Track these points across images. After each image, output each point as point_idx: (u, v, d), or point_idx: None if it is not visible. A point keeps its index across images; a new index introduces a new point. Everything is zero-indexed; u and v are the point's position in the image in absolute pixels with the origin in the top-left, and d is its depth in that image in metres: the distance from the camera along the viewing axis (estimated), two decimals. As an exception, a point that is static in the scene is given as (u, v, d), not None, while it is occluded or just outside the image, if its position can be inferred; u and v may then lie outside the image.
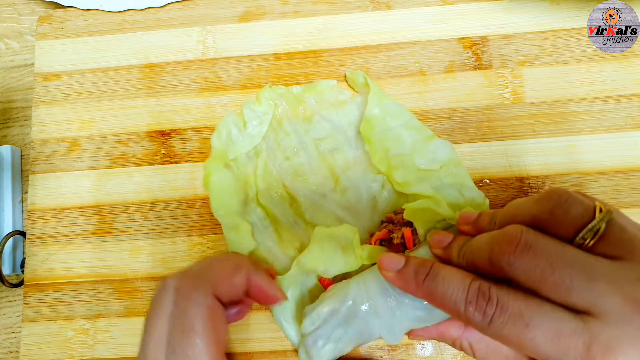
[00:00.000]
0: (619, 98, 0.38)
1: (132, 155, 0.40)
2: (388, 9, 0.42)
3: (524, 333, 0.22)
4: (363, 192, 0.37)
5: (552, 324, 0.22)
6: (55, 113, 0.42)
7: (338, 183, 0.38)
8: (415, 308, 0.29)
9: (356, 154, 0.38)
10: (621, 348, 0.21)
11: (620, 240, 0.23)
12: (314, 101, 0.39)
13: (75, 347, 0.37)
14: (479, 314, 0.24)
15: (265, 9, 0.42)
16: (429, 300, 0.27)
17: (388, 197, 0.37)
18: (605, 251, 0.23)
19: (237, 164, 0.38)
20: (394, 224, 0.35)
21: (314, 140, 0.39)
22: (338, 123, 0.39)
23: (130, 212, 0.39)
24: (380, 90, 0.38)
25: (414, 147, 0.36)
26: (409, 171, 0.36)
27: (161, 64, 0.42)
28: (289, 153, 0.38)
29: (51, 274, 0.38)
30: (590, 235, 0.23)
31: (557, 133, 0.38)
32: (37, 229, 0.39)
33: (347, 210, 0.37)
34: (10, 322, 0.41)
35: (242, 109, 0.39)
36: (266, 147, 0.39)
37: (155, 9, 0.43)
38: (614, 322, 0.21)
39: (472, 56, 0.40)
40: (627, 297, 0.21)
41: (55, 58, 0.43)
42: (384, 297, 0.30)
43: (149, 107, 0.41)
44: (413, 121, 0.38)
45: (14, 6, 0.48)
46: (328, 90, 0.40)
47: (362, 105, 0.39)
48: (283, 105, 0.39)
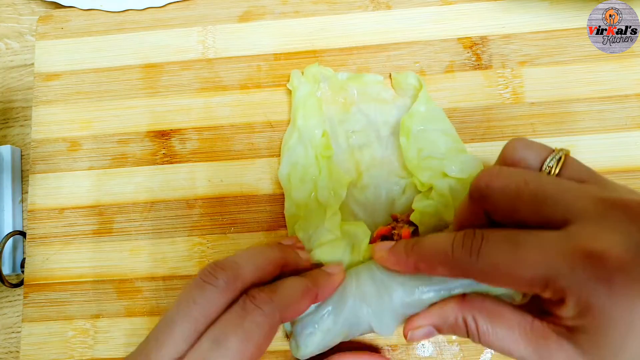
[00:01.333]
0: (619, 98, 0.38)
1: (132, 155, 0.40)
2: (388, 9, 0.42)
3: (514, 254, 0.23)
4: (383, 193, 0.37)
5: (537, 240, 0.22)
6: (55, 113, 0.42)
7: (360, 179, 0.38)
8: (404, 294, 0.29)
9: (384, 153, 0.38)
10: (602, 240, 0.21)
11: (580, 168, 0.26)
12: (356, 92, 0.39)
13: (75, 347, 0.37)
14: (466, 251, 0.24)
15: (265, 9, 0.42)
16: (420, 268, 0.27)
17: (405, 202, 0.37)
18: (570, 178, 0.25)
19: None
20: (398, 222, 0.35)
21: (346, 132, 0.39)
22: (374, 119, 0.39)
23: (130, 212, 0.39)
24: (429, 94, 0.38)
25: (446, 153, 0.36)
26: (436, 174, 0.35)
27: (161, 64, 0.42)
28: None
29: (51, 274, 0.38)
30: (554, 163, 0.25)
31: (557, 133, 0.38)
32: (37, 229, 0.39)
33: (363, 207, 0.37)
34: (10, 322, 0.41)
35: (292, 79, 0.39)
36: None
37: (155, 9, 0.43)
38: (590, 219, 0.22)
39: (472, 56, 0.40)
40: (596, 199, 0.22)
41: (55, 58, 0.43)
42: (373, 284, 0.30)
43: (149, 107, 0.41)
44: (451, 130, 0.37)
45: (14, 6, 0.48)
46: (372, 84, 0.39)
47: (402, 108, 0.39)
48: (325, 88, 0.39)
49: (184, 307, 0.25)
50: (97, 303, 0.38)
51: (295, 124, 0.38)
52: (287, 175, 0.37)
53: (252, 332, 0.24)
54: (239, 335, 0.24)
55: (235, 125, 0.40)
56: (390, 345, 0.35)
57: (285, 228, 0.38)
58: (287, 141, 0.38)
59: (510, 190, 0.24)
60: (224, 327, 0.24)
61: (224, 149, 0.40)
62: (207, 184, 0.39)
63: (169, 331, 0.24)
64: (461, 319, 0.27)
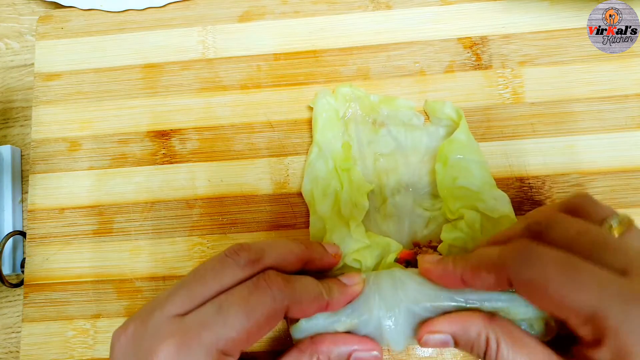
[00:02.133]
0: (619, 98, 0.38)
1: (132, 155, 0.40)
2: (388, 8, 0.42)
3: (569, 277, 0.22)
4: (405, 224, 0.37)
5: (597, 273, 0.22)
6: (55, 113, 0.42)
7: (384, 205, 0.37)
8: (419, 292, 0.28)
9: (411, 180, 0.38)
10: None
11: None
12: (387, 114, 0.39)
13: (75, 347, 0.37)
14: (516, 261, 0.24)
15: (265, 9, 0.42)
16: (465, 280, 0.26)
17: (427, 235, 0.36)
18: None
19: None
20: (420, 247, 0.35)
21: (374, 154, 0.38)
22: (404, 144, 0.38)
23: (130, 212, 0.39)
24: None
25: (481, 187, 0.35)
26: (467, 205, 0.35)
27: (161, 64, 0.42)
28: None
29: (51, 274, 0.38)
30: (617, 224, 0.24)
31: (557, 133, 0.38)
32: (37, 229, 0.39)
33: (383, 233, 0.36)
34: (10, 322, 0.41)
35: (316, 98, 0.38)
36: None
37: (155, 9, 0.43)
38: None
39: (472, 56, 0.40)
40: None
41: (55, 58, 0.43)
42: (390, 278, 0.30)
43: (149, 107, 0.41)
44: (486, 164, 0.37)
45: (14, 6, 0.48)
46: (404, 109, 0.39)
47: (433, 136, 0.38)
48: (356, 108, 0.39)
49: (200, 272, 0.26)
50: (97, 303, 0.38)
51: (315, 139, 0.38)
52: (309, 191, 0.37)
53: (255, 309, 0.25)
54: (242, 308, 0.24)
55: (235, 125, 0.40)
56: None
57: (285, 228, 0.38)
58: (308, 157, 0.38)
59: (570, 234, 0.24)
60: (231, 297, 0.25)
61: (224, 149, 0.40)
62: (207, 184, 0.39)
63: (178, 290, 0.25)
64: (484, 337, 0.26)
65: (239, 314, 0.24)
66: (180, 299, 0.25)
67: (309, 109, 0.40)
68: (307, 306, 0.28)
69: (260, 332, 0.26)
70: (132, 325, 0.25)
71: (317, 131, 0.38)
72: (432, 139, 0.38)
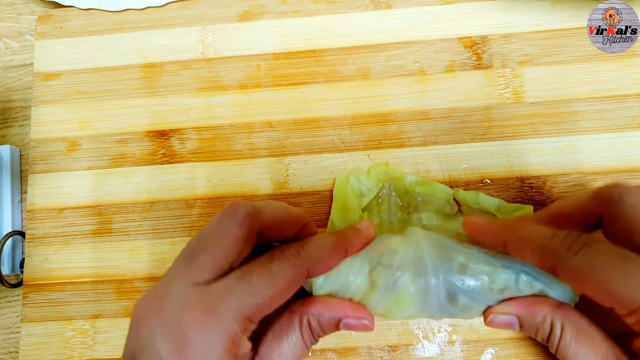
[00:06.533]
0: (619, 98, 0.38)
1: (132, 155, 0.40)
2: (388, 8, 0.42)
3: (619, 267, 0.22)
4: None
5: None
6: (54, 113, 0.41)
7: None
8: (452, 248, 0.29)
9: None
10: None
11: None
12: (421, 199, 0.37)
13: (75, 348, 0.37)
14: (565, 246, 0.24)
15: (265, 9, 0.42)
16: (507, 246, 0.27)
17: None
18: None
19: None
20: None
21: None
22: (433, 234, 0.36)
23: (129, 212, 0.39)
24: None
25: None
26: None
27: (161, 63, 0.42)
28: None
29: (50, 274, 0.38)
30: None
31: (558, 133, 0.38)
32: (37, 229, 0.39)
33: None
34: (10, 323, 0.41)
35: (349, 175, 0.37)
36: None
37: (154, 8, 0.43)
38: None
39: (473, 56, 0.40)
40: None
41: (54, 58, 0.43)
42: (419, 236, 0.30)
43: (149, 107, 0.41)
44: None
45: (13, 6, 0.48)
46: (440, 194, 0.37)
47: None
48: (389, 189, 0.37)
49: (203, 239, 0.26)
50: (96, 303, 0.38)
51: (332, 222, 0.36)
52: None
53: (277, 276, 0.25)
54: (264, 276, 0.25)
55: (234, 125, 0.40)
56: (390, 345, 0.35)
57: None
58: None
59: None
60: (251, 266, 0.26)
61: (224, 149, 0.40)
62: (207, 184, 0.39)
63: (192, 260, 0.26)
64: (549, 322, 0.26)
65: (262, 281, 0.25)
66: (198, 268, 0.25)
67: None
68: (327, 260, 0.28)
69: (283, 298, 0.26)
70: (155, 297, 0.25)
71: (336, 214, 0.36)
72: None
